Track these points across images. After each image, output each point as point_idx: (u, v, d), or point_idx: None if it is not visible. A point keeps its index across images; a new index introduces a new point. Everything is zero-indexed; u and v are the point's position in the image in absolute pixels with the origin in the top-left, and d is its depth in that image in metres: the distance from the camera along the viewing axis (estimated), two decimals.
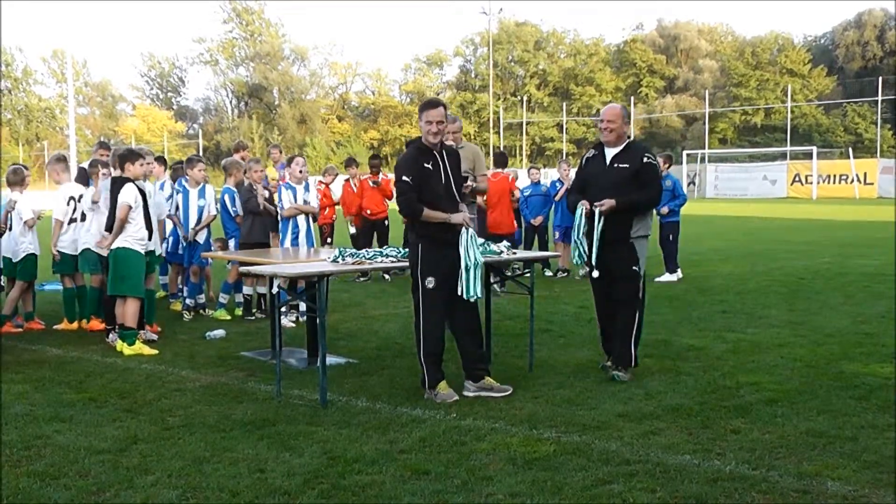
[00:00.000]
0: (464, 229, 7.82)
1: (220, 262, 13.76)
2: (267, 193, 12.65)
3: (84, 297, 11.98)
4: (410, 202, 7.80)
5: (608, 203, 8.34)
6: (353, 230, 17.89)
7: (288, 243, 12.15)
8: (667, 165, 16.63)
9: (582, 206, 8.45)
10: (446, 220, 7.80)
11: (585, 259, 8.59)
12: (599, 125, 8.81)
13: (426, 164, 7.87)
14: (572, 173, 12.70)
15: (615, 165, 8.58)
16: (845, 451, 6.25)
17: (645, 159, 8.55)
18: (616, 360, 8.58)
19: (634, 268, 8.55)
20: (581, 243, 8.55)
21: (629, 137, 8.82)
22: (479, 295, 7.89)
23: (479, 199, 15.85)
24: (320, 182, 18.03)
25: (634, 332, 8.63)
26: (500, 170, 16.74)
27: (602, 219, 8.36)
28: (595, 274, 8.59)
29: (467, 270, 7.75)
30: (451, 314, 8.01)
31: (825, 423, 6.90)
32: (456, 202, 8.00)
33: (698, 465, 5.98)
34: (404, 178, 7.82)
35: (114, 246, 10.19)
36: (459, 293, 7.80)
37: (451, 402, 7.70)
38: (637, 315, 8.68)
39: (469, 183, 9.61)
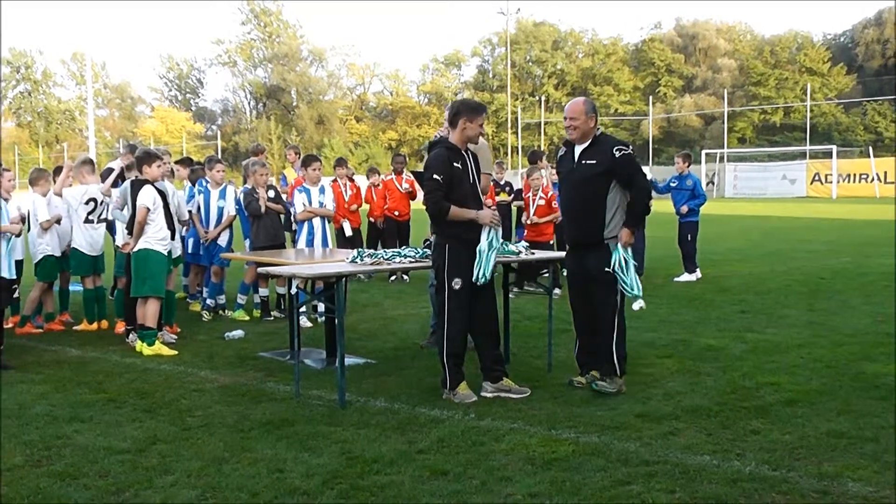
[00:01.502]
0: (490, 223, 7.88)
1: (237, 262, 13.77)
2: (272, 193, 12.64)
3: (103, 298, 12.03)
4: (438, 200, 7.77)
5: (625, 236, 7.95)
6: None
7: (303, 244, 12.18)
8: (686, 164, 16.59)
9: (619, 245, 7.97)
10: (473, 219, 7.79)
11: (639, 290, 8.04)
12: (564, 122, 8.40)
13: (455, 164, 7.86)
14: None
15: (583, 162, 8.13)
16: (866, 451, 6.23)
17: (617, 153, 7.98)
18: (599, 370, 8.20)
19: (607, 269, 8.08)
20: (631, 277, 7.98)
21: (599, 131, 8.19)
22: (487, 278, 7.84)
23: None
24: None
25: (615, 338, 8.11)
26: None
27: (620, 248, 7.99)
28: (642, 305, 8.15)
29: (480, 253, 7.77)
30: (470, 315, 7.99)
31: (845, 424, 6.87)
32: (480, 202, 8.02)
33: (718, 466, 5.96)
34: (435, 176, 7.77)
35: (136, 248, 10.24)
36: (473, 279, 7.80)
37: (470, 402, 7.69)
38: (616, 320, 8.14)
39: None
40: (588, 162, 8.09)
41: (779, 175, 60.91)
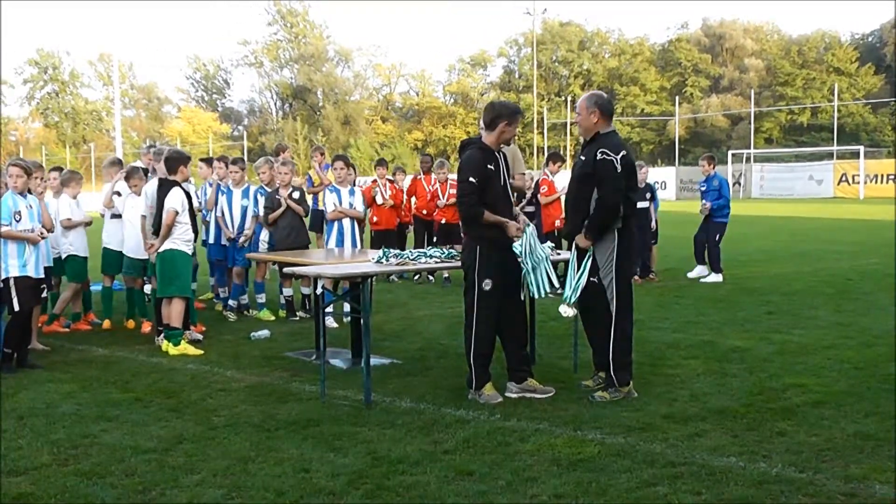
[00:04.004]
0: (528, 228, 7.87)
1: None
2: (297, 195, 12.65)
3: (133, 297, 12.08)
4: (472, 204, 7.77)
5: (580, 239, 7.87)
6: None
7: (333, 244, 12.19)
8: (711, 166, 16.46)
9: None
10: (504, 226, 7.76)
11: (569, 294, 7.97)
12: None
13: (489, 166, 7.85)
14: None
15: (581, 157, 8.09)
16: (893, 454, 6.18)
17: (599, 155, 7.71)
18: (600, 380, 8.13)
19: (593, 279, 7.93)
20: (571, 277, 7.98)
21: (608, 129, 7.97)
22: (549, 292, 7.94)
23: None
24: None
25: (611, 348, 7.89)
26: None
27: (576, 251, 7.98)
28: (571, 312, 8.06)
29: (534, 270, 7.78)
30: (498, 315, 7.98)
31: (873, 426, 6.83)
32: (511, 203, 8.04)
33: (744, 468, 5.94)
34: (470, 179, 7.75)
35: (161, 249, 10.28)
36: (532, 295, 7.89)
37: (496, 402, 7.69)
38: (612, 329, 7.90)
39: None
40: (581, 158, 8.07)
41: (805, 175, 60.45)
